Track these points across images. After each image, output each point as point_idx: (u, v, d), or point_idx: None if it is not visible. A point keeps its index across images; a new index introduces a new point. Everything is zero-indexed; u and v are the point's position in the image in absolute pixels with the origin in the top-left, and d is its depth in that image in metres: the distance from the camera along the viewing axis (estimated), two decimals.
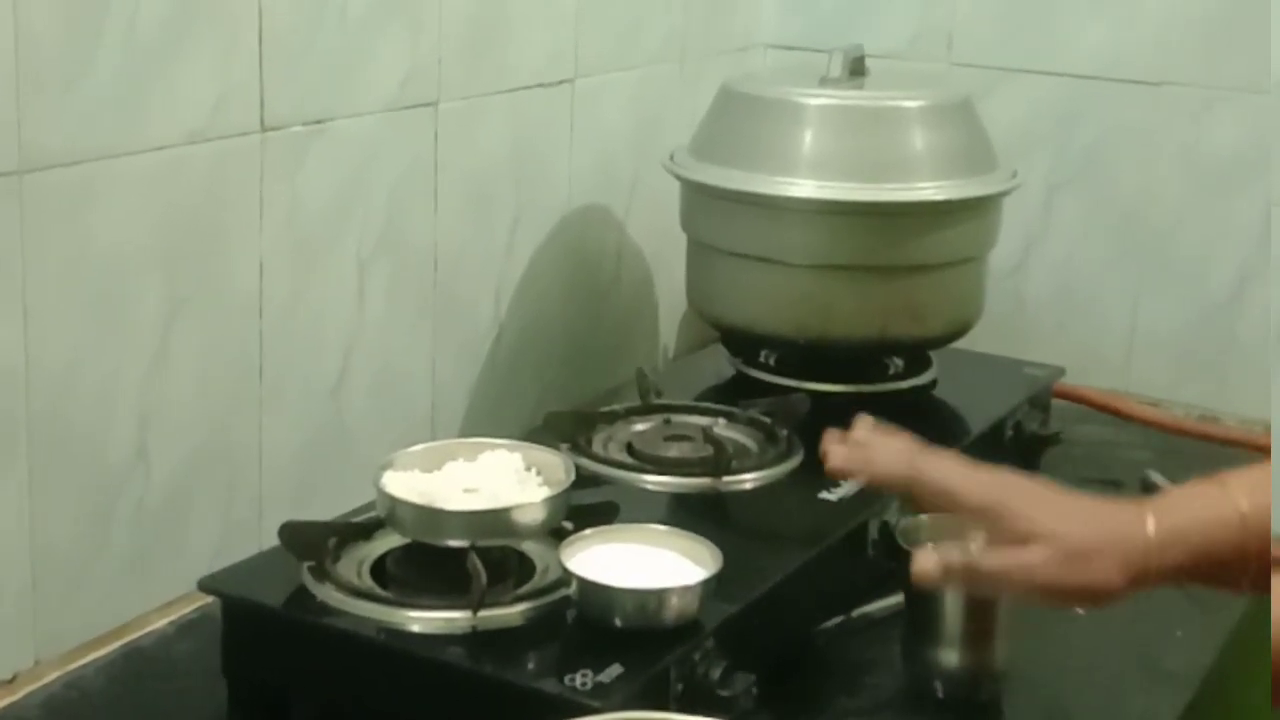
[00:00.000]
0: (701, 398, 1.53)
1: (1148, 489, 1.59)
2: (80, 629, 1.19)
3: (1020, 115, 1.82)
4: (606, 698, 0.99)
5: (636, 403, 1.46)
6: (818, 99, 1.53)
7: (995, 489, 1.01)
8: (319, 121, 1.32)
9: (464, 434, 1.52)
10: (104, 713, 1.14)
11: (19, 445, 1.12)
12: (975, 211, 1.55)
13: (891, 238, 1.51)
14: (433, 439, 1.47)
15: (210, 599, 1.17)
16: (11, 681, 1.14)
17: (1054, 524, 0.98)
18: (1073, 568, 0.97)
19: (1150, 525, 0.96)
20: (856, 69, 1.59)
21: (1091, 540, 0.97)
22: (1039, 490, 1.01)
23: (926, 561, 1.00)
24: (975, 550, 1.00)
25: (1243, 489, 0.96)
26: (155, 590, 1.24)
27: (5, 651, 1.14)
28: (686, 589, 1.08)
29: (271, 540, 1.15)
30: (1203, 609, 1.29)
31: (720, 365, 1.64)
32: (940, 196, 1.51)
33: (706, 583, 1.08)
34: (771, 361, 1.61)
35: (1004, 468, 1.04)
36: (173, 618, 1.24)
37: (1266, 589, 1.00)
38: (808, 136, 1.52)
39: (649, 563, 1.11)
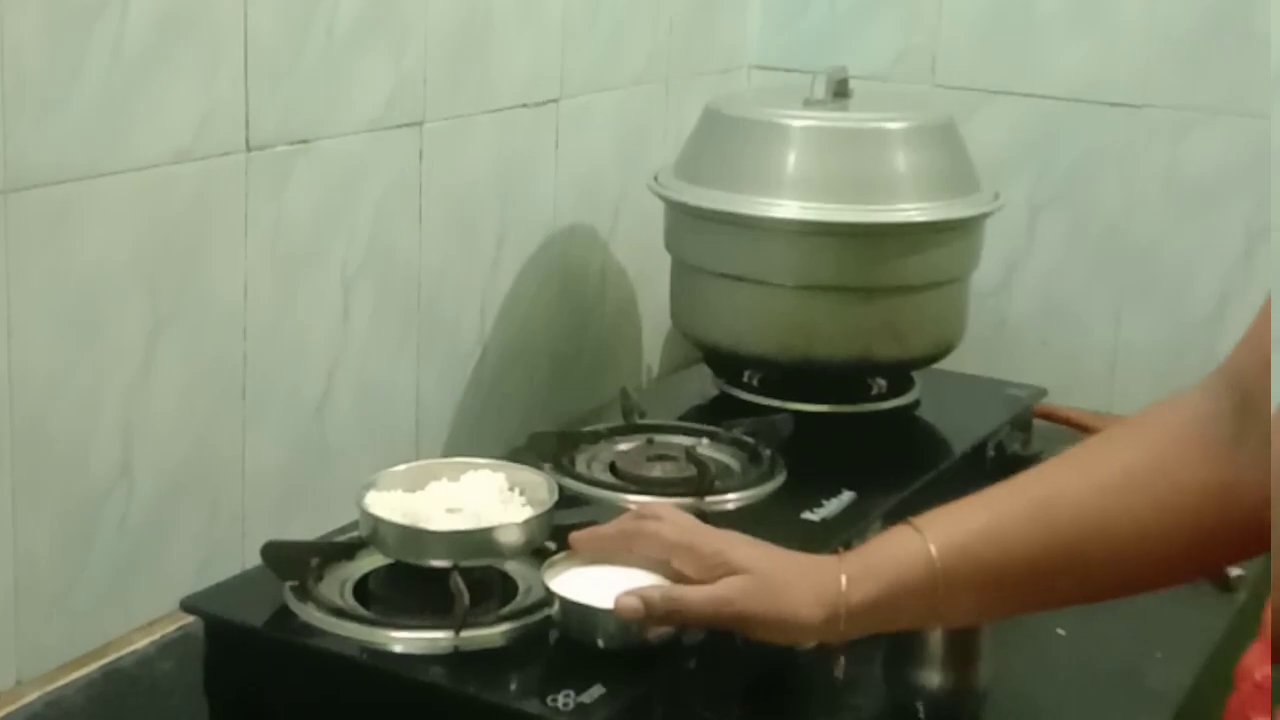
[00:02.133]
0: (685, 418, 1.54)
1: None
2: (62, 648, 1.19)
3: (1002, 136, 1.83)
4: (589, 718, 1.00)
5: (620, 422, 1.47)
6: (802, 120, 1.54)
7: (701, 532, 1.08)
8: (304, 141, 1.32)
9: (448, 451, 1.52)
10: None
11: (3, 462, 1.12)
12: (958, 232, 1.55)
13: (875, 259, 1.52)
14: (416, 456, 1.47)
15: (192, 618, 1.16)
16: None
17: (752, 561, 1.03)
18: (767, 598, 1.01)
19: (842, 565, 1.01)
20: (840, 90, 1.60)
21: (785, 573, 1.02)
22: (739, 536, 1.08)
23: (629, 601, 1.03)
24: (676, 587, 1.04)
25: (935, 531, 0.99)
26: (137, 609, 1.24)
27: None
28: None
29: (254, 557, 1.15)
30: (1183, 630, 1.30)
31: (703, 385, 1.64)
32: (923, 218, 1.51)
33: None
34: (755, 381, 1.61)
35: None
36: (155, 637, 1.24)
37: (962, 621, 1.07)
38: (791, 157, 1.52)
39: (632, 583, 1.11)
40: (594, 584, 1.10)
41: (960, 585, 0.98)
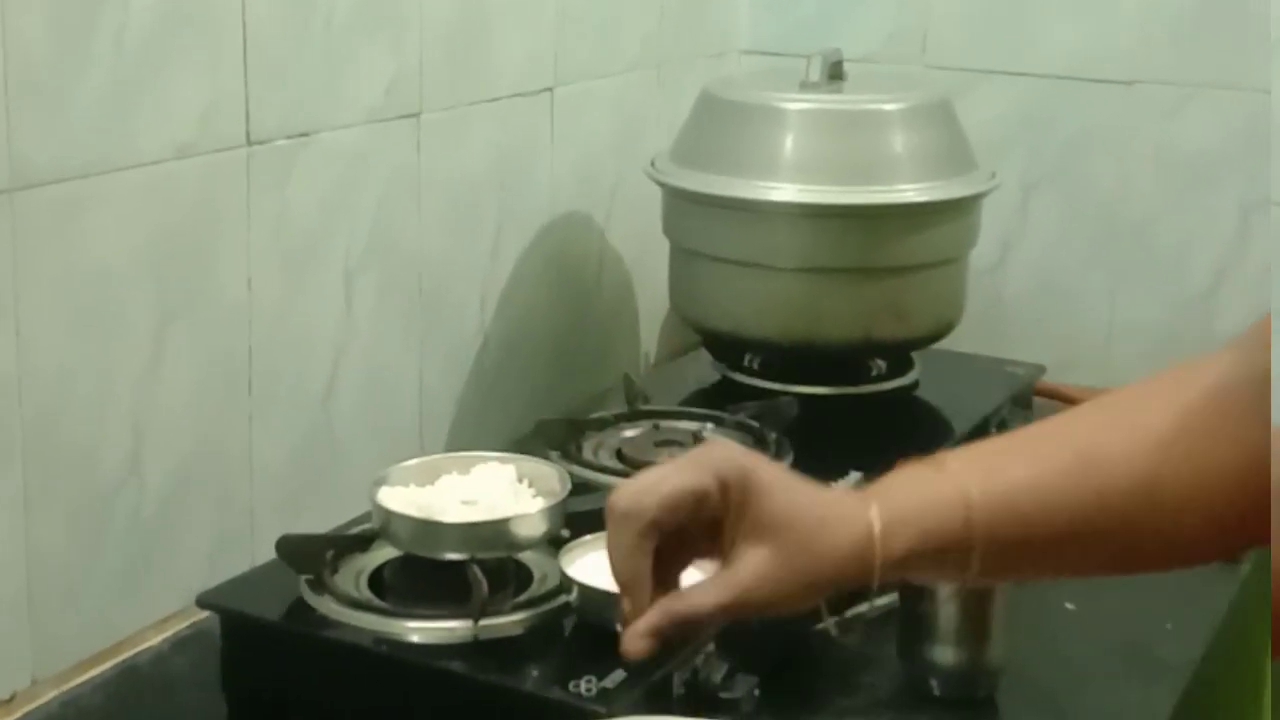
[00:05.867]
0: (687, 402, 1.54)
1: None
2: (77, 646, 1.18)
3: (996, 115, 1.83)
4: (611, 703, 1.00)
5: (624, 408, 1.47)
6: (798, 103, 1.54)
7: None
8: (304, 134, 1.32)
9: (453, 439, 1.53)
10: None
11: (14, 461, 1.11)
12: (956, 212, 1.56)
13: (873, 240, 1.52)
14: (421, 445, 1.48)
15: (205, 614, 1.16)
16: (10, 701, 1.14)
17: (779, 517, 0.86)
18: (793, 573, 0.86)
19: (873, 509, 0.87)
20: (835, 73, 1.60)
21: (807, 530, 0.86)
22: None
23: (639, 645, 0.87)
24: (689, 595, 0.88)
25: (969, 474, 0.87)
26: (150, 605, 1.24)
27: (3, 670, 1.13)
28: None
29: (264, 551, 1.15)
30: (1192, 601, 1.31)
31: (704, 370, 1.65)
32: (921, 198, 1.52)
33: None
34: (756, 365, 1.62)
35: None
36: (168, 634, 1.24)
37: (992, 579, 0.95)
38: (788, 141, 1.52)
39: None
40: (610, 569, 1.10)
41: (998, 541, 0.85)
